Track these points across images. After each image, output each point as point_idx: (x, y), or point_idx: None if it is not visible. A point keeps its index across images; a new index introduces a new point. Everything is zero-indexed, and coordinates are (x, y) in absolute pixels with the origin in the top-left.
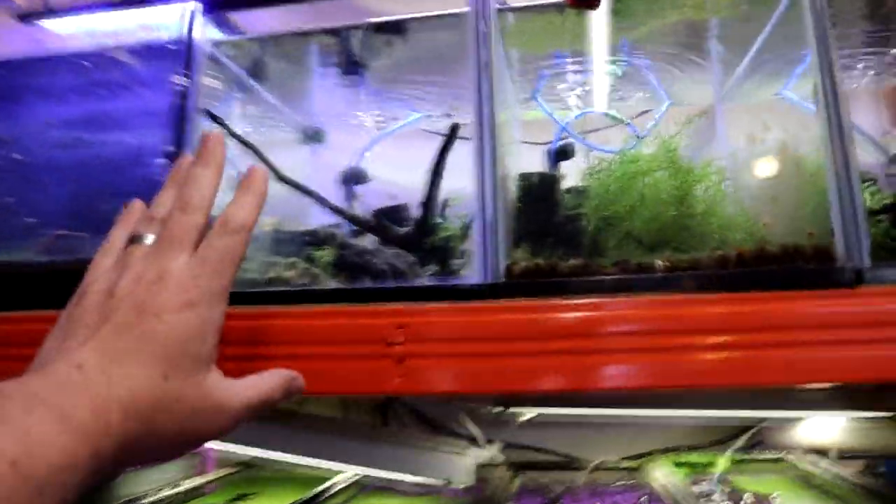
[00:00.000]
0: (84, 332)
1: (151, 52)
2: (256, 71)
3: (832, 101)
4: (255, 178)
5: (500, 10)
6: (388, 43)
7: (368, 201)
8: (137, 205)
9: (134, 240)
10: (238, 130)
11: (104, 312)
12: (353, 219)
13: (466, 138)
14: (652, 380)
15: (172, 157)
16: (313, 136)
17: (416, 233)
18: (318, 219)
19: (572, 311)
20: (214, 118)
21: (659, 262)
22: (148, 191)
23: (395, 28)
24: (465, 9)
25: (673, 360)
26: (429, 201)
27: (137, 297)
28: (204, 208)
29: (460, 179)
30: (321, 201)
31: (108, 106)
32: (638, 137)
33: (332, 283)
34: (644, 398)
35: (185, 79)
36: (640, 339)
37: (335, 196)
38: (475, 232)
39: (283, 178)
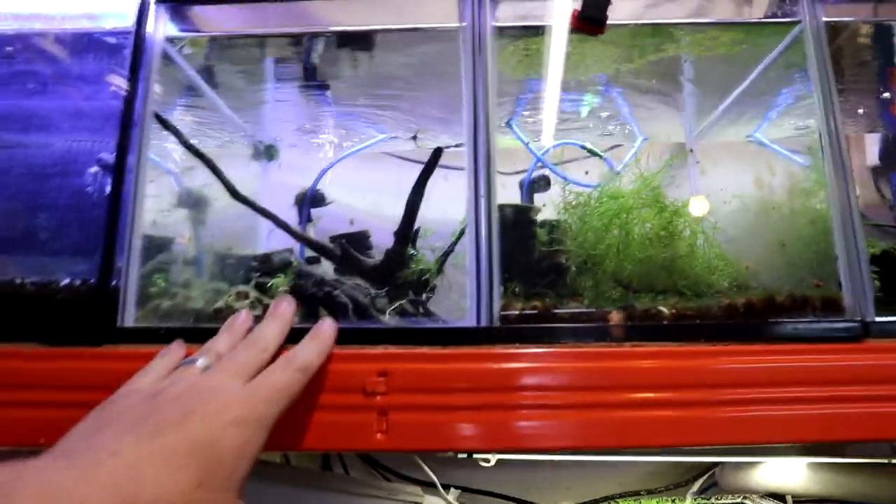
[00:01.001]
0: (122, 426)
1: (93, 43)
2: (211, 74)
3: (836, 146)
4: (324, 330)
5: (498, 28)
6: (353, 58)
7: (325, 226)
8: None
9: (183, 364)
10: (189, 139)
11: (147, 411)
12: (316, 246)
13: (445, 166)
14: (672, 437)
15: (111, 166)
16: (266, 152)
17: (386, 264)
18: (269, 244)
19: (580, 360)
20: (165, 124)
21: (664, 310)
22: (76, 204)
23: (362, 42)
24: (452, 24)
25: (687, 416)
26: (405, 231)
27: (187, 401)
28: (268, 351)
29: (430, 209)
30: (280, 224)
31: (34, 102)
32: (615, 173)
33: None
34: None
35: (131, 78)
36: (655, 393)
37: (288, 219)
38: (470, 269)
39: (237, 196)
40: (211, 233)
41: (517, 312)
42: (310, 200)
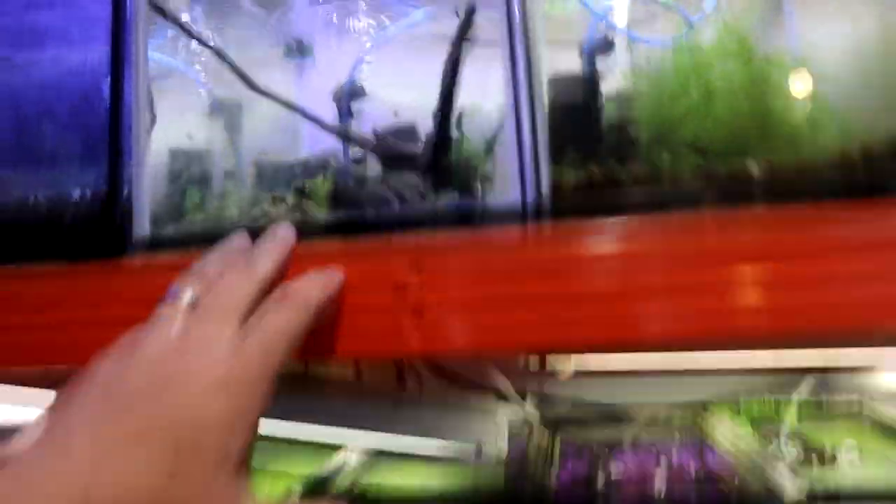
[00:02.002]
0: (79, 409)
1: None
2: None
3: None
4: (331, 270)
5: None
6: None
7: (368, 122)
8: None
9: (167, 297)
10: (207, 42)
11: (110, 383)
12: (349, 137)
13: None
14: (778, 323)
15: (110, 73)
16: (298, 50)
17: (430, 151)
18: (311, 148)
19: (654, 234)
20: (164, 13)
21: (753, 166)
22: (79, 114)
23: None
24: None
25: (795, 296)
26: (444, 111)
27: (158, 365)
28: (263, 281)
29: (477, 95)
30: (311, 118)
31: (33, 15)
32: (690, 25)
33: (329, 219)
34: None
35: None
36: (753, 270)
37: (328, 118)
38: (509, 142)
39: (261, 91)
40: (247, 141)
41: (572, 183)
42: (348, 93)
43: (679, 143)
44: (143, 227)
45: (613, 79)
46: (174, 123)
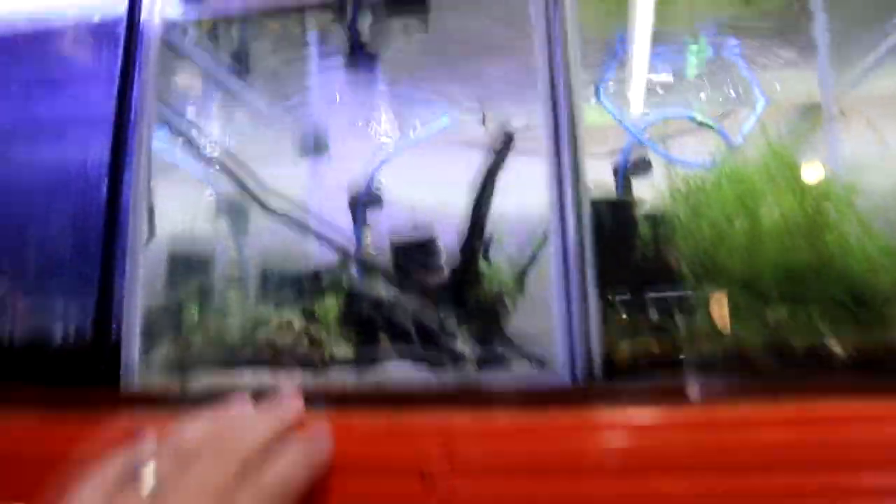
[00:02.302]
0: None
1: (83, 37)
2: (237, 61)
3: None
4: (317, 443)
5: None
6: (406, 27)
7: (384, 229)
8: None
9: (130, 468)
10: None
11: None
12: (368, 265)
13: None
14: None
15: (109, 178)
16: (314, 146)
17: (454, 282)
18: (321, 257)
19: (728, 428)
20: (174, 129)
21: (836, 347)
22: (85, 219)
23: (416, 5)
24: None
25: None
26: (471, 242)
27: None
28: (245, 463)
29: (503, 202)
30: (324, 238)
31: (19, 110)
32: (732, 145)
33: (339, 348)
34: None
35: (123, 72)
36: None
37: (343, 223)
38: (556, 297)
39: (272, 211)
40: (253, 246)
41: (625, 356)
42: (364, 202)
43: (729, 283)
44: (133, 353)
45: (652, 204)
46: (175, 222)
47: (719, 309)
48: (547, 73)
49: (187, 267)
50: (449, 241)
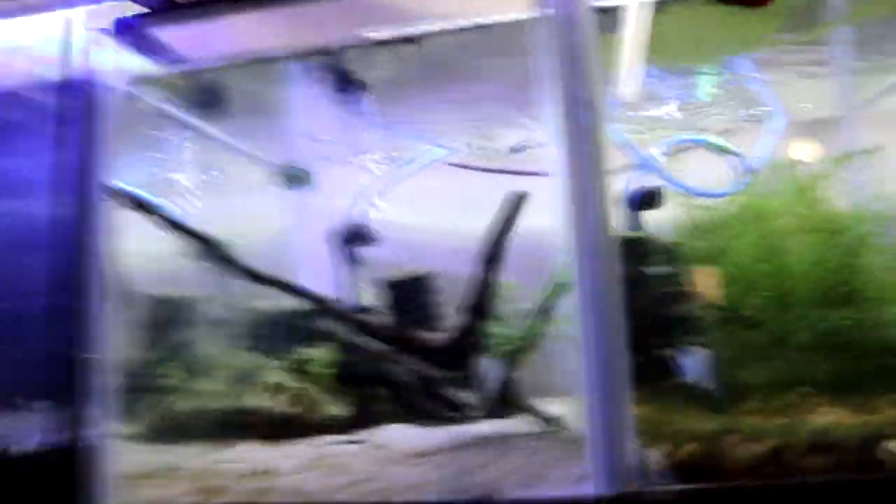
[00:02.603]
0: None
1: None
2: (209, 103)
3: None
4: None
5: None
6: (395, 54)
7: (377, 262)
8: None
9: None
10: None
11: None
12: (361, 325)
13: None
14: None
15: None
16: (297, 178)
17: (459, 343)
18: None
19: None
20: (137, 202)
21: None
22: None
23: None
24: (532, 13)
25: None
26: (481, 302)
27: None
28: None
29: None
30: (309, 298)
31: None
32: (748, 171)
33: (336, 409)
34: None
35: (81, 128)
36: None
37: (331, 257)
38: (584, 373)
39: (260, 279)
40: (236, 287)
41: (669, 461)
42: (354, 237)
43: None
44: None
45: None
46: (151, 264)
47: (705, 280)
48: (566, 102)
49: (169, 316)
50: (444, 259)
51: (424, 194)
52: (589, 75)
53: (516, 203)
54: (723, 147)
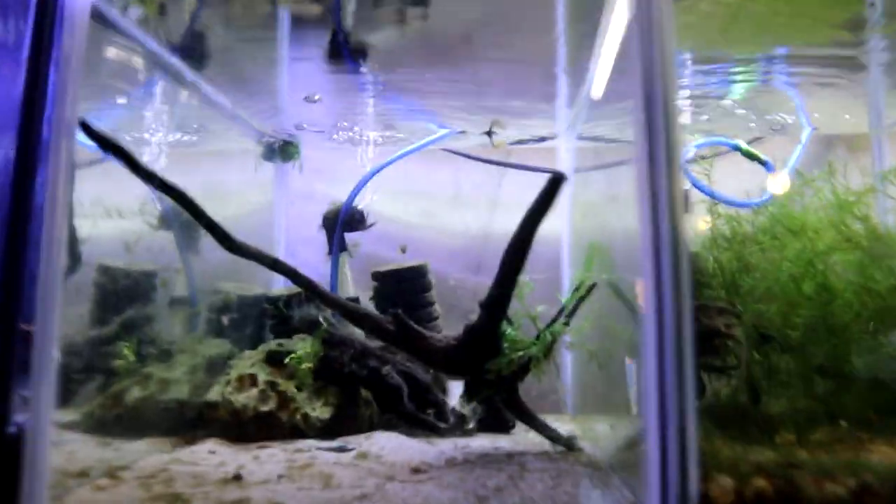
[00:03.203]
0: None
1: None
2: (191, 45)
3: None
4: None
5: None
6: (399, 16)
7: (367, 250)
8: None
9: None
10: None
11: None
12: (358, 316)
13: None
14: None
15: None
16: (282, 151)
17: (470, 345)
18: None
19: None
20: (93, 134)
21: None
22: None
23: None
24: None
25: None
26: (500, 300)
27: None
28: None
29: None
30: (302, 283)
31: None
32: (778, 177)
33: (314, 409)
34: None
35: (37, 49)
36: None
37: (316, 246)
38: (647, 395)
39: (233, 247)
40: (205, 264)
41: (735, 496)
42: (342, 223)
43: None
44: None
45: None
46: (109, 231)
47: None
48: (644, 105)
49: (120, 294)
50: (436, 256)
51: (415, 178)
52: (668, 74)
53: (554, 186)
54: (753, 154)
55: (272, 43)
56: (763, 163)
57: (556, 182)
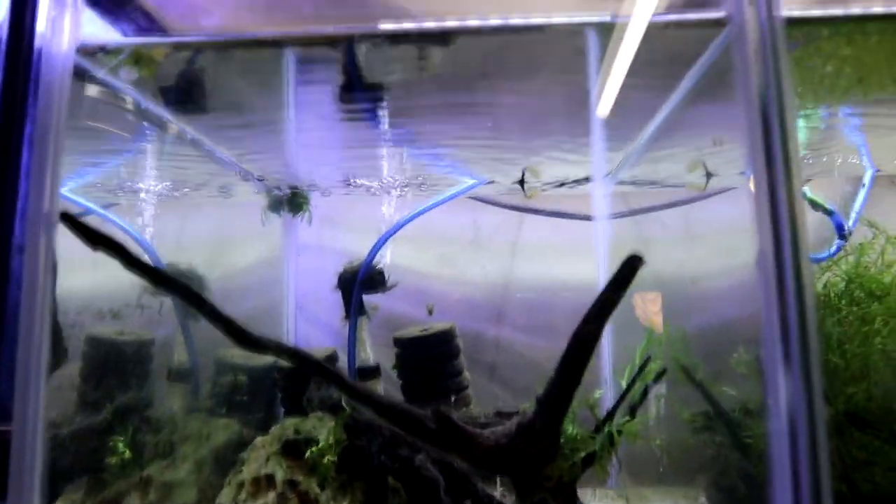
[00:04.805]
0: None
1: None
2: (184, 95)
3: None
4: None
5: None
6: (420, 56)
7: (387, 309)
8: None
9: None
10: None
11: None
12: (391, 413)
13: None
14: None
15: None
16: (290, 202)
17: (524, 443)
18: (299, 337)
19: None
20: (78, 227)
21: None
22: None
23: (435, 36)
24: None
25: None
26: (564, 396)
27: None
28: None
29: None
30: (324, 374)
31: None
32: (841, 233)
33: None
34: None
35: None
36: None
37: (330, 306)
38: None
39: (250, 343)
40: (204, 329)
41: None
42: (361, 284)
43: None
44: None
45: None
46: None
47: (647, 305)
48: (758, 141)
49: (111, 367)
50: (454, 308)
51: (436, 225)
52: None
53: (631, 268)
54: (817, 202)
55: (278, 88)
56: (829, 213)
57: (633, 265)
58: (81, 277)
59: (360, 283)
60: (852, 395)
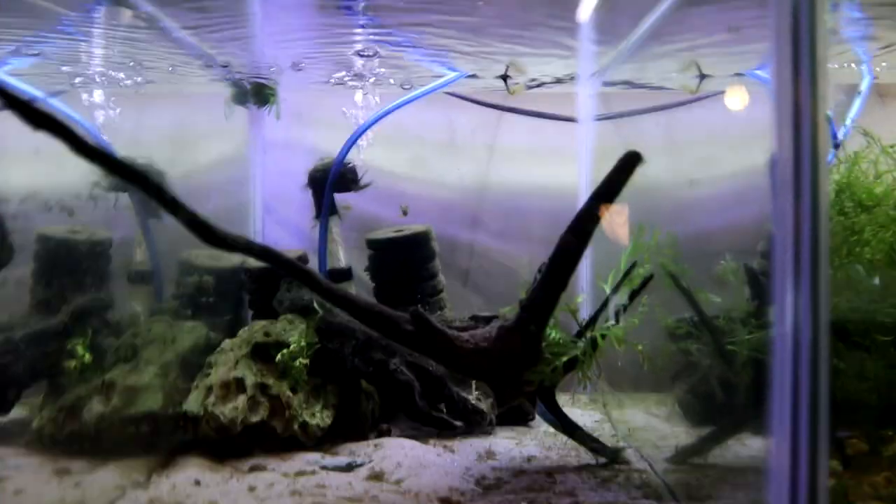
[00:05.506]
0: None
1: None
2: None
3: None
4: None
5: None
6: None
7: (359, 210)
8: None
9: None
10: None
11: None
12: (367, 315)
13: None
14: None
15: None
16: (255, 94)
17: (506, 347)
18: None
19: None
20: (16, 104)
21: None
22: None
23: None
24: None
25: None
26: (545, 306)
27: None
28: None
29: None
30: (296, 273)
31: None
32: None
33: (313, 415)
34: None
35: None
36: None
37: (299, 207)
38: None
39: (217, 241)
40: (168, 229)
41: None
42: (332, 185)
43: None
44: None
45: None
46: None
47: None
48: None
49: (66, 268)
50: (430, 211)
51: (410, 125)
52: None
53: (628, 164)
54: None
55: None
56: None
57: (631, 162)
58: (21, 167)
59: (331, 181)
60: (836, 305)
